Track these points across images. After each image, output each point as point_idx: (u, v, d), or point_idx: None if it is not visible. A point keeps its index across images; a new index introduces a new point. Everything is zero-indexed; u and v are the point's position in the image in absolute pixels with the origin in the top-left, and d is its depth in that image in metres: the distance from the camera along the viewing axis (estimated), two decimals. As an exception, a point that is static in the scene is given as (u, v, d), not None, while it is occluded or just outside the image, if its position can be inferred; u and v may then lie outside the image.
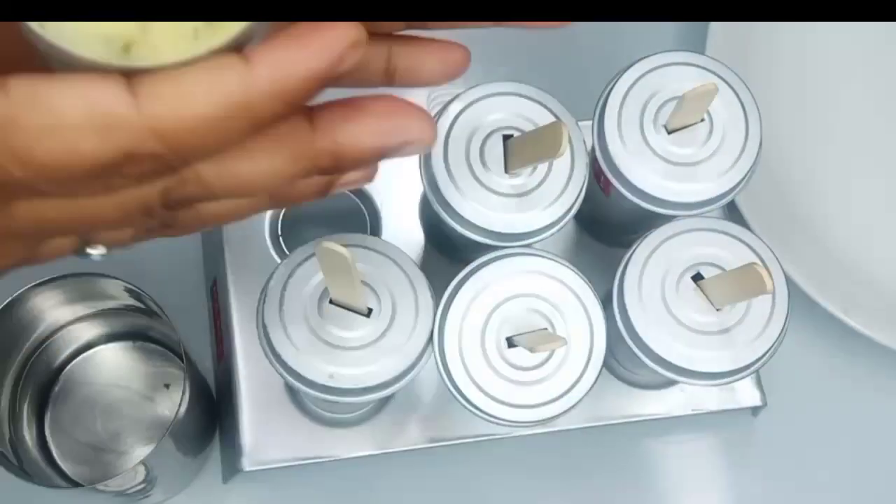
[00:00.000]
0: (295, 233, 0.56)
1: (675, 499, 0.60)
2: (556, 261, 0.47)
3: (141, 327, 0.58)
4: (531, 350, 0.44)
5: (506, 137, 0.48)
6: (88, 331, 0.58)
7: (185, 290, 0.60)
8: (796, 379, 0.61)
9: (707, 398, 0.56)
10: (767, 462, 0.61)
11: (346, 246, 0.42)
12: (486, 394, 0.46)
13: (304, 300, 0.46)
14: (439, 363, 0.46)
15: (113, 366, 0.59)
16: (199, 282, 0.61)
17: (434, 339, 0.46)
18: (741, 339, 0.47)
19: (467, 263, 0.48)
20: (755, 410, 0.59)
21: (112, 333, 0.59)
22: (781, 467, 0.60)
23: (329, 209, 0.57)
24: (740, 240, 0.48)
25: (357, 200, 0.57)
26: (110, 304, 0.55)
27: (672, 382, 0.56)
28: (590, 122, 0.50)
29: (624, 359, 0.53)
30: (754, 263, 0.42)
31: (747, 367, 0.47)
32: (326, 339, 0.45)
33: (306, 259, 0.46)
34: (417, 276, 0.47)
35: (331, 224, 0.57)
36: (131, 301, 0.53)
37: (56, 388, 0.58)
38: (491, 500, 0.59)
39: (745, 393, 0.56)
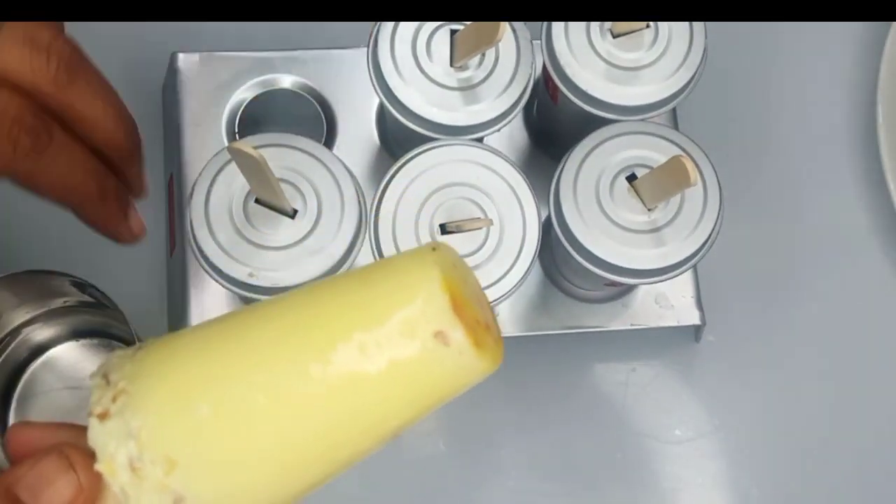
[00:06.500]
0: (252, 132, 0.57)
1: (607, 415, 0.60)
2: (491, 151, 0.48)
3: (97, 324, 0.57)
4: (458, 228, 0.45)
5: (453, 32, 0.49)
6: (45, 331, 0.56)
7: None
8: (737, 303, 0.62)
9: (647, 315, 0.57)
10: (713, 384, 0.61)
11: (268, 146, 0.43)
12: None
13: (231, 199, 0.46)
14: (374, 248, 0.47)
15: (73, 365, 0.57)
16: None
17: (369, 225, 0.47)
18: (673, 237, 0.48)
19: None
20: (697, 335, 0.59)
21: (70, 332, 0.57)
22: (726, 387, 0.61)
23: (287, 111, 0.58)
24: (673, 142, 0.49)
25: (315, 104, 0.58)
26: (61, 301, 0.54)
27: (615, 297, 0.57)
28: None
29: (561, 262, 0.54)
30: (679, 155, 0.43)
31: (679, 264, 0.48)
32: (250, 237, 0.46)
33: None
34: (343, 175, 0.47)
35: (287, 125, 0.58)
36: (83, 297, 0.53)
37: (17, 393, 0.56)
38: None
39: (685, 312, 0.57)
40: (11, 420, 0.56)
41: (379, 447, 0.31)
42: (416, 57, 0.49)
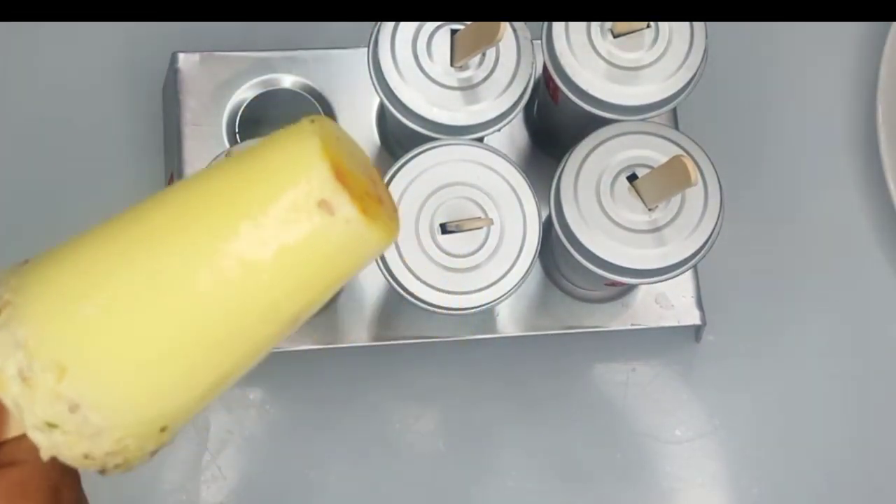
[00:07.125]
0: (252, 131, 0.57)
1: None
2: (491, 151, 0.48)
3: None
4: (459, 228, 0.45)
5: (453, 32, 0.49)
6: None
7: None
8: (737, 303, 0.62)
9: (647, 315, 0.57)
10: (715, 382, 0.61)
11: None
12: (420, 279, 0.47)
13: None
14: (375, 248, 0.47)
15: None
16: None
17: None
18: (674, 237, 0.48)
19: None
20: (698, 335, 0.59)
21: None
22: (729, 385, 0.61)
23: (287, 111, 0.58)
24: (674, 142, 0.49)
25: (316, 104, 0.58)
26: None
27: (615, 297, 0.57)
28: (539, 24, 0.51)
29: (562, 261, 0.54)
30: (680, 155, 0.43)
31: (680, 264, 0.48)
32: None
33: None
34: None
35: (288, 126, 0.58)
36: None
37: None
38: (433, 399, 0.59)
39: (686, 312, 0.57)
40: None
41: (282, 335, 0.30)
42: (416, 57, 0.49)
